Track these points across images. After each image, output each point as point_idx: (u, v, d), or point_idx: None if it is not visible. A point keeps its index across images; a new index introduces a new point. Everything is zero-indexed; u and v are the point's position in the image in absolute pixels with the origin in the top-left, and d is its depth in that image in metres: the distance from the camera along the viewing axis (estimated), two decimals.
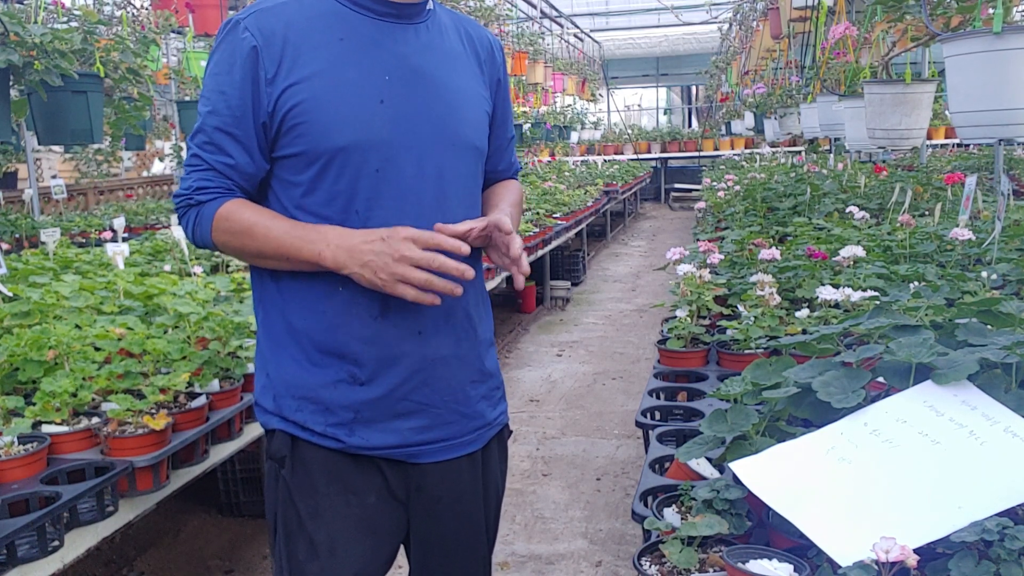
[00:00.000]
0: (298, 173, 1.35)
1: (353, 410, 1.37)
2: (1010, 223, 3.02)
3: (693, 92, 21.23)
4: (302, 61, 1.33)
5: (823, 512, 1.08)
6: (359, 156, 1.33)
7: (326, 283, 1.35)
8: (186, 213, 1.40)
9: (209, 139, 1.35)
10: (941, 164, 7.19)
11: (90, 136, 3.31)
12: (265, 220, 1.35)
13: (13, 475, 1.69)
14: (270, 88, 1.32)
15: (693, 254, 3.09)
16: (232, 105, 1.33)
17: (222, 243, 1.37)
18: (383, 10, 1.38)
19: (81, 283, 2.66)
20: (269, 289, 1.42)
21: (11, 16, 2.79)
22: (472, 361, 1.46)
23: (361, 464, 1.40)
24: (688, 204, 14.34)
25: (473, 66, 1.50)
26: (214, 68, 1.36)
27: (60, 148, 7.96)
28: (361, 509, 1.41)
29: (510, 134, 1.63)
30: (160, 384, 2.00)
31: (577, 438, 4.37)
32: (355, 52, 1.35)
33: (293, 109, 1.32)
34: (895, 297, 1.76)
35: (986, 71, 2.48)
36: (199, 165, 1.37)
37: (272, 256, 1.34)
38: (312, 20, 1.35)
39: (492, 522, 1.58)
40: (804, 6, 5.28)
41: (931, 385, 1.22)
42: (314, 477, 1.39)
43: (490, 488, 1.54)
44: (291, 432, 1.40)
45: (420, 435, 1.41)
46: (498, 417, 1.53)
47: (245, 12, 1.35)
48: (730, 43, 12.02)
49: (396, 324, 1.37)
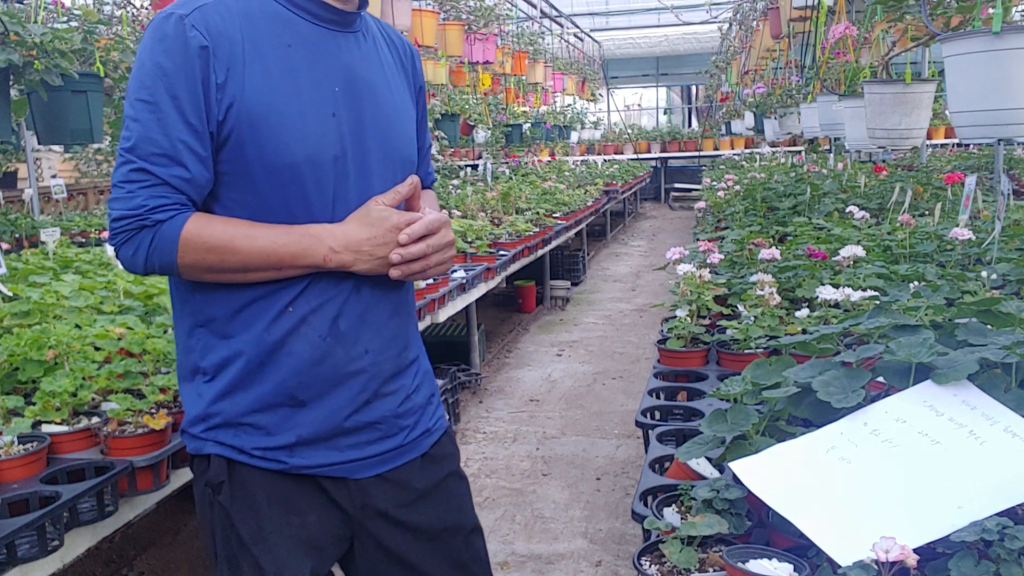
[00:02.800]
0: (242, 190, 1.25)
1: (295, 432, 1.31)
2: (1010, 223, 3.02)
3: (693, 92, 21.24)
4: (252, 67, 1.22)
5: (823, 512, 1.08)
6: (313, 172, 1.26)
7: (279, 306, 1.28)
8: (133, 237, 1.22)
9: (160, 151, 1.20)
10: (941, 164, 7.19)
11: (90, 136, 3.31)
12: (243, 230, 1.24)
13: (13, 475, 1.69)
14: (220, 94, 1.20)
15: (693, 254, 3.09)
16: (185, 111, 1.20)
17: (192, 263, 1.23)
18: (326, 16, 1.31)
19: (81, 283, 2.66)
20: (196, 315, 1.31)
21: (11, 16, 2.80)
22: (410, 373, 1.43)
23: (301, 483, 1.35)
24: (688, 204, 14.34)
25: (401, 75, 1.46)
26: (152, 68, 1.20)
27: (60, 148, 7.96)
28: (303, 529, 1.35)
29: (428, 143, 1.58)
30: (160, 384, 2.00)
31: (577, 438, 4.37)
32: (304, 60, 1.28)
33: (244, 120, 1.22)
34: (895, 297, 1.76)
35: (986, 71, 2.48)
36: (145, 181, 1.20)
37: (260, 268, 1.25)
38: (257, 22, 1.25)
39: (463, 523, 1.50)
40: (804, 6, 5.28)
41: (931, 385, 1.22)
42: (255, 499, 1.33)
43: (448, 489, 1.48)
44: (228, 456, 1.32)
45: (362, 450, 1.36)
46: (436, 423, 1.49)
47: (186, 6, 1.22)
48: (730, 43, 12.02)
49: (345, 345, 1.31)
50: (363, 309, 1.33)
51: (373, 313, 1.35)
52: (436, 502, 1.46)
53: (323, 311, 1.29)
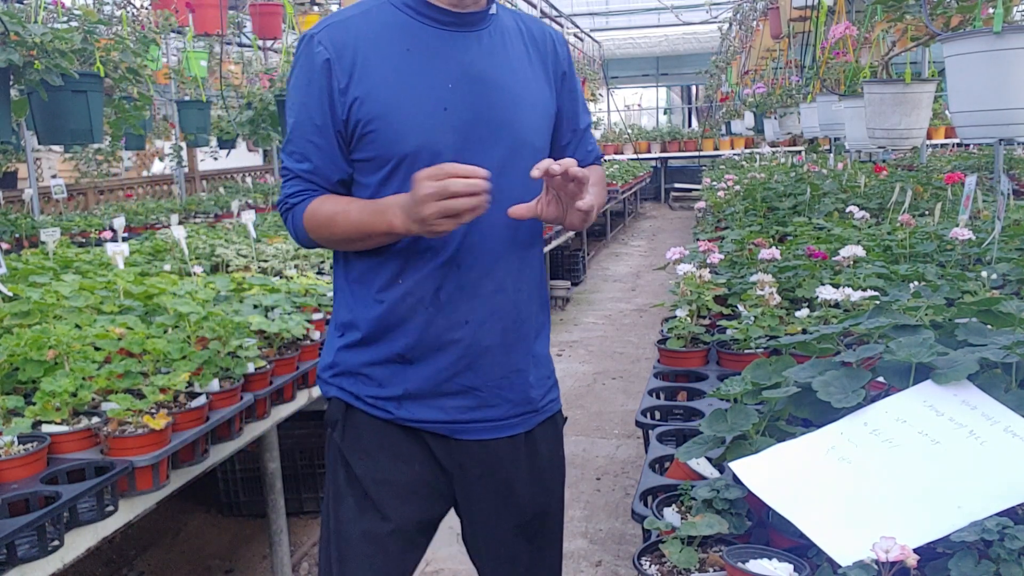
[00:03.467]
0: (369, 175, 1.47)
1: (402, 387, 1.50)
2: (1010, 223, 3.02)
3: (693, 92, 21.23)
4: (371, 72, 1.42)
5: (823, 512, 1.08)
6: (424, 161, 1.38)
7: (388, 276, 1.49)
8: (286, 218, 1.54)
9: (295, 148, 1.49)
10: (941, 164, 7.19)
11: (90, 136, 3.31)
12: (343, 206, 1.46)
13: (13, 475, 1.69)
14: (343, 98, 1.42)
15: (693, 254, 3.09)
16: (312, 116, 1.45)
17: (316, 237, 1.50)
18: (446, 20, 1.46)
19: (81, 283, 2.66)
20: (340, 281, 1.58)
21: (11, 16, 2.79)
22: (518, 350, 1.55)
23: (408, 434, 1.53)
24: (688, 204, 14.34)
25: (536, 66, 1.56)
26: (295, 81, 1.48)
27: (60, 148, 7.96)
28: (407, 475, 1.53)
29: (583, 124, 1.68)
30: (160, 384, 2.00)
31: (577, 438, 4.37)
32: (420, 62, 1.44)
33: (364, 117, 1.42)
34: (895, 297, 1.76)
35: (986, 71, 2.48)
36: (288, 174, 1.51)
37: (357, 237, 1.45)
38: (379, 32, 1.45)
39: (550, 507, 1.66)
40: (804, 6, 5.28)
41: (931, 385, 1.22)
42: (364, 441, 1.54)
43: (544, 472, 1.63)
44: (345, 400, 1.55)
45: (464, 414, 1.52)
46: (547, 404, 1.62)
47: (318, 27, 1.47)
48: (730, 43, 12.01)
49: (446, 315, 1.48)
50: (462, 282, 1.47)
51: (474, 287, 1.48)
52: (529, 482, 1.60)
53: (425, 283, 1.47)
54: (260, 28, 5.72)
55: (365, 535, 1.53)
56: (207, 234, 4.25)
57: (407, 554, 1.56)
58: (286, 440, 3.27)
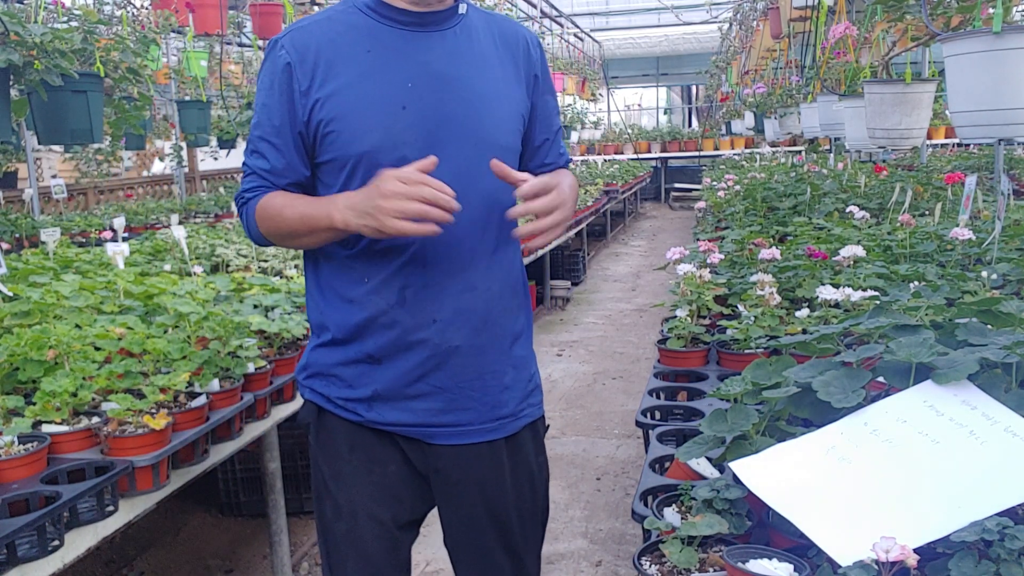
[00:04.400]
0: (332, 176, 1.48)
1: (371, 387, 1.50)
2: (1010, 223, 3.02)
3: (693, 92, 21.23)
4: (332, 74, 1.44)
5: (823, 512, 1.08)
6: (386, 160, 1.40)
7: (354, 275, 1.49)
8: (241, 213, 1.56)
9: (254, 148, 1.51)
10: (941, 164, 7.19)
11: (90, 136, 3.31)
12: (291, 200, 1.47)
13: (13, 475, 1.69)
14: (304, 100, 1.44)
15: (693, 254, 3.09)
16: (272, 117, 1.47)
17: (266, 231, 1.52)
18: (407, 20, 1.47)
19: (81, 283, 2.66)
20: (311, 282, 1.59)
21: (11, 16, 2.79)
22: (492, 351, 1.53)
23: (381, 437, 1.53)
24: (688, 204, 14.34)
25: (506, 66, 1.55)
26: (259, 84, 1.51)
27: (60, 148, 7.96)
28: (384, 477, 1.54)
29: (555, 127, 1.68)
30: (160, 384, 2.00)
31: (577, 438, 4.37)
32: (380, 62, 1.45)
33: (325, 118, 1.43)
34: (895, 297, 1.76)
35: (986, 71, 2.48)
36: (246, 171, 1.53)
37: (303, 231, 1.46)
38: (342, 35, 1.46)
39: (528, 513, 1.63)
40: (804, 6, 5.28)
41: (931, 385, 1.22)
42: (337, 444, 1.55)
43: (521, 479, 1.60)
44: (317, 402, 1.56)
45: (434, 417, 1.51)
46: (524, 409, 1.59)
47: (284, 31, 1.50)
48: (730, 43, 12.01)
49: (413, 313, 1.47)
50: (427, 280, 1.47)
51: (440, 285, 1.48)
52: (508, 489, 1.58)
53: (391, 281, 1.47)
54: (260, 28, 5.72)
55: (347, 535, 1.55)
56: (207, 234, 4.26)
57: (391, 553, 1.57)
58: (286, 440, 3.27)
